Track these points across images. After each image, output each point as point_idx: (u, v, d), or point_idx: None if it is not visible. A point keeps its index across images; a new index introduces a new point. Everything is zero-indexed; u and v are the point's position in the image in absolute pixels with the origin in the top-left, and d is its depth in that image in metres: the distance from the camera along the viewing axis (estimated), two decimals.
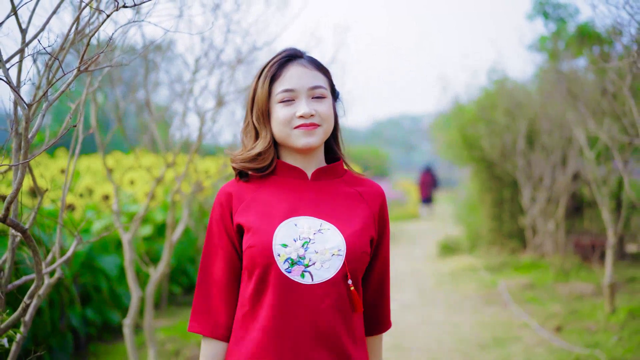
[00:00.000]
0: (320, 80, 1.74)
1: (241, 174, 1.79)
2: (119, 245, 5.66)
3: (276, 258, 1.64)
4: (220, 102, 3.72)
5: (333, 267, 1.65)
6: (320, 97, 1.72)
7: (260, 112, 1.73)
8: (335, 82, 1.83)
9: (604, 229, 7.10)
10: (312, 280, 1.64)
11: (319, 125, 1.70)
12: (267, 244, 1.65)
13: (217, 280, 1.74)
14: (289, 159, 1.77)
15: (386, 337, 5.42)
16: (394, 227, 16.49)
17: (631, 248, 9.10)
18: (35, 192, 4.31)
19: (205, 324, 1.73)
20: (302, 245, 1.65)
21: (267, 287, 1.65)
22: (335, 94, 1.82)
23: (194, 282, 7.08)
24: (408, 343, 5.42)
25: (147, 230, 6.20)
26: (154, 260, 5.94)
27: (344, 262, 1.66)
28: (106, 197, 5.96)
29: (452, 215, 15.25)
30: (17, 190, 1.62)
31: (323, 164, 1.80)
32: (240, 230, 1.72)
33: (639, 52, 2.85)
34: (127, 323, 3.71)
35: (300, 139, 1.69)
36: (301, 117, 1.68)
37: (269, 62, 1.75)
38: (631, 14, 2.80)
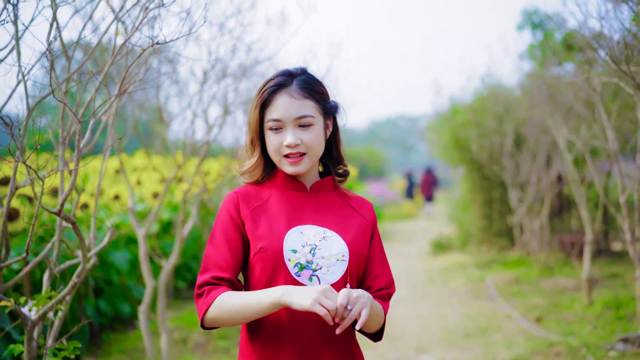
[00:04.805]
0: (308, 108, 1.84)
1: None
2: (129, 241, 6.07)
3: (287, 262, 1.77)
4: (226, 111, 4.12)
5: (338, 271, 1.80)
6: (307, 126, 1.83)
7: (252, 134, 1.89)
8: (330, 92, 1.90)
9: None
10: (319, 283, 1.77)
11: (304, 154, 1.84)
12: (278, 249, 1.78)
13: (225, 240, 1.82)
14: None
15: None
16: (390, 226, 16.90)
17: (616, 246, 9.48)
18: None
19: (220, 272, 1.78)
20: (310, 251, 1.80)
21: None
22: (329, 111, 1.90)
23: None
24: (398, 333, 5.82)
25: (154, 227, 6.60)
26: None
27: (347, 266, 1.82)
28: (116, 197, 6.37)
29: (445, 214, 15.65)
30: (71, 190, 2.02)
31: (318, 177, 1.96)
32: (243, 227, 1.85)
33: (590, 70, 3.24)
34: (142, 309, 4.10)
35: (288, 167, 1.85)
36: (287, 146, 1.82)
37: (263, 87, 1.86)
38: (589, 37, 3.18)
